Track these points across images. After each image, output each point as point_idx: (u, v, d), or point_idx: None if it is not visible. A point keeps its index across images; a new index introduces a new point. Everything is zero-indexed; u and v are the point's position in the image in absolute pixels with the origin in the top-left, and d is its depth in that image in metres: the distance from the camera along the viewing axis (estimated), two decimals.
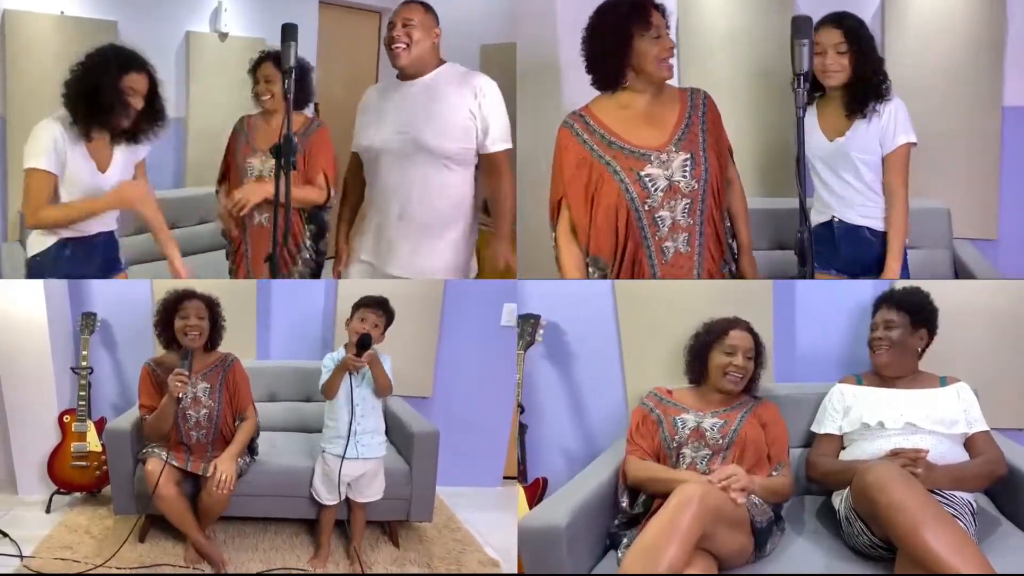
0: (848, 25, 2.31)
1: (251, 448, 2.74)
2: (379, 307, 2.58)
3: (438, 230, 2.44)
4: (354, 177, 2.63)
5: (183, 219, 3.52)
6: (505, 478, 3.54)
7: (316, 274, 2.80)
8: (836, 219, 2.43)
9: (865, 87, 2.32)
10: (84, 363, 3.02)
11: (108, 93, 2.24)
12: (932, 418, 2.17)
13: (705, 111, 2.14)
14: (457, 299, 3.36)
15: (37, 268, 2.36)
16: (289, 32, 2.12)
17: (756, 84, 3.16)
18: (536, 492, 2.72)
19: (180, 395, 2.49)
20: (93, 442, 2.99)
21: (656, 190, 2.05)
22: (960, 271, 2.82)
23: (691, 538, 1.79)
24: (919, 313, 2.30)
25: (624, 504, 2.16)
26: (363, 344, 2.47)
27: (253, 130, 2.78)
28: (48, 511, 2.97)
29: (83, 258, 2.37)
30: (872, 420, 2.20)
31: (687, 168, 2.06)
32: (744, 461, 2.12)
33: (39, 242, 2.34)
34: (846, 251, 2.43)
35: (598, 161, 2.08)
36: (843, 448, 2.29)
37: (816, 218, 2.45)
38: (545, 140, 3.06)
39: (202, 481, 2.51)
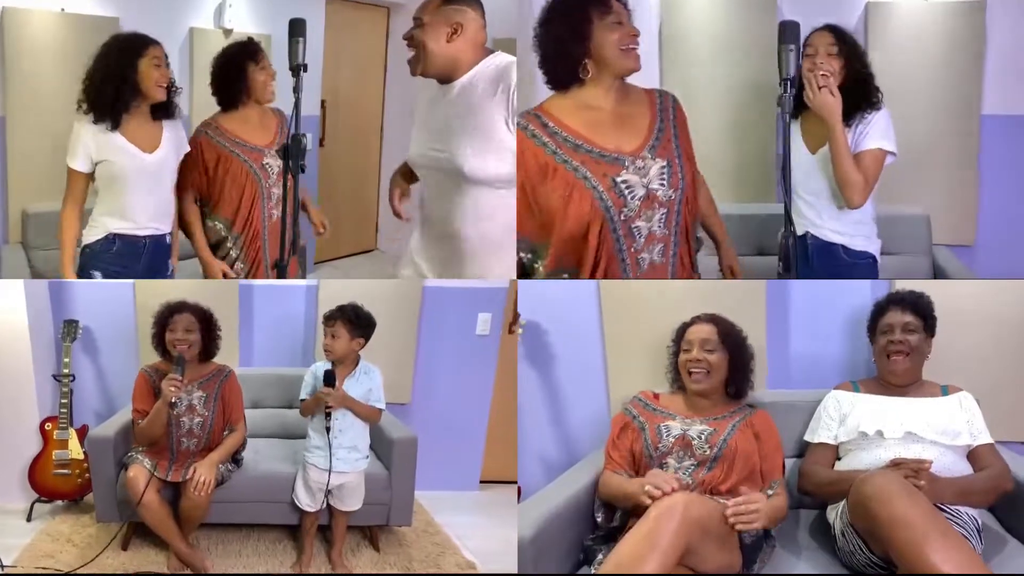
0: (840, 30, 2.29)
1: (235, 459, 2.76)
2: (341, 318, 2.59)
3: (490, 251, 2.11)
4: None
5: None
6: (482, 482, 3.62)
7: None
8: (810, 235, 2.34)
9: (854, 96, 2.26)
10: (66, 370, 3.02)
11: (134, 73, 2.35)
12: (934, 428, 2.06)
13: (675, 115, 1.95)
14: (434, 307, 3.41)
15: (86, 258, 2.45)
16: (297, 27, 2.07)
17: (737, 90, 3.20)
18: None
19: (174, 400, 2.52)
20: (75, 450, 3.00)
21: (633, 198, 1.84)
22: (939, 277, 2.78)
23: (673, 553, 1.65)
24: (931, 318, 2.23)
25: (600, 520, 2.06)
26: (328, 380, 2.53)
27: (236, 131, 2.62)
28: (29, 519, 2.97)
29: (129, 256, 2.46)
30: (870, 429, 2.10)
31: (664, 176, 1.87)
32: (733, 474, 1.99)
33: (91, 233, 2.45)
34: (818, 268, 2.33)
35: (564, 167, 1.83)
36: (838, 459, 2.19)
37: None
38: None
39: (182, 486, 2.54)
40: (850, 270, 2.33)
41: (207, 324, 2.68)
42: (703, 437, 2.04)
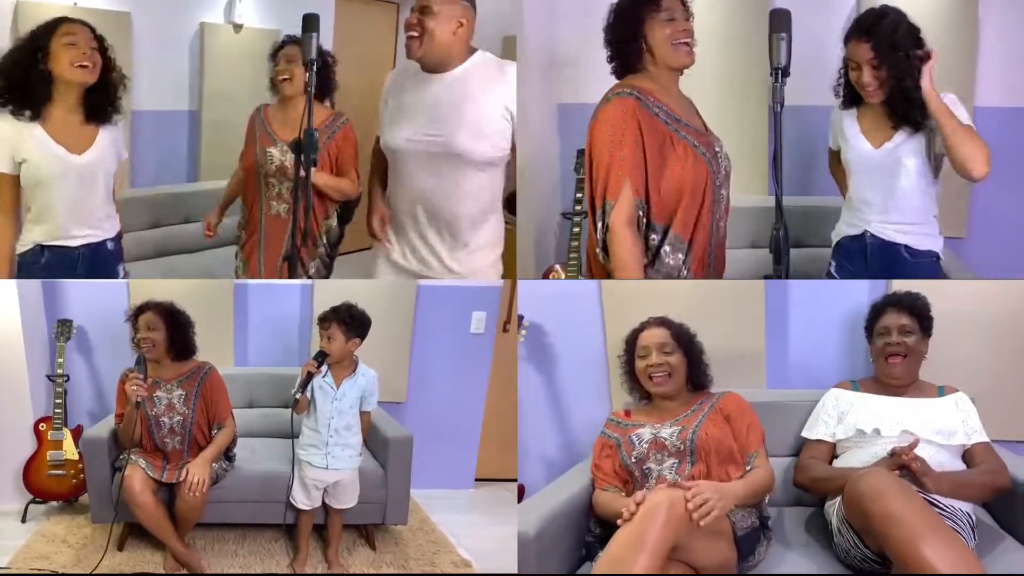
0: (879, 37, 2.13)
1: (228, 456, 2.76)
2: (335, 319, 2.59)
3: (469, 233, 2.24)
4: (379, 155, 2.45)
5: (196, 214, 3.39)
6: (477, 480, 3.63)
7: (327, 274, 2.79)
8: (869, 233, 2.23)
9: (908, 100, 2.13)
10: (60, 371, 3.01)
11: (44, 55, 2.16)
12: (930, 428, 2.08)
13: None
14: (429, 305, 3.42)
15: (21, 267, 2.30)
16: (311, 22, 2.07)
17: (733, 81, 3.18)
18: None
19: (138, 399, 2.50)
20: (70, 450, 2.99)
21: (720, 168, 2.04)
22: None
23: (661, 549, 1.68)
24: (928, 319, 2.22)
25: (596, 533, 2.06)
26: (317, 358, 2.56)
27: (272, 119, 2.69)
28: (24, 521, 2.97)
29: (60, 269, 2.28)
30: (868, 427, 2.12)
31: (723, 150, 2.07)
32: (713, 463, 2.02)
33: (23, 241, 2.29)
34: (878, 268, 2.24)
35: (676, 135, 1.99)
36: (835, 457, 2.21)
37: (846, 230, 2.29)
38: (541, 136, 3.10)
39: (177, 487, 2.54)
40: (914, 270, 2.23)
41: (172, 321, 2.63)
42: (674, 435, 2.07)
